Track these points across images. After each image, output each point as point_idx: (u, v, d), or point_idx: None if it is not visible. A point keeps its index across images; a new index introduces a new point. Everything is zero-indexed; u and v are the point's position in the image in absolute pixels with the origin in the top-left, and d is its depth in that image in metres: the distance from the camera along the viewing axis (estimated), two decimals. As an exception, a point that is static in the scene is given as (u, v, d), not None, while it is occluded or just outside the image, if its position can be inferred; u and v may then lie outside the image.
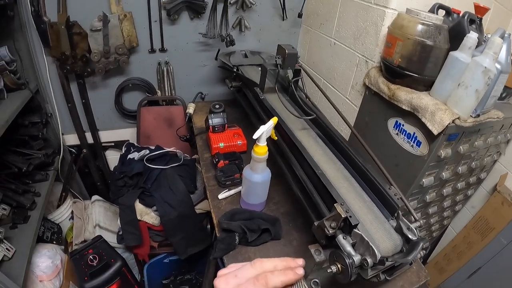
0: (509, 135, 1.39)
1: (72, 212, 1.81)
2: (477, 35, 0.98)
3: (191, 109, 1.67)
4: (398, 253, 0.85)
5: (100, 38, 1.49)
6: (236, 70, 1.48)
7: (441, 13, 1.13)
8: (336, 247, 0.82)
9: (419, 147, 1.10)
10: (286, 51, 1.20)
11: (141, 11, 1.53)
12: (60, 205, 1.78)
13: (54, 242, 1.59)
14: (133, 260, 1.78)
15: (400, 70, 1.11)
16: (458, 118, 1.00)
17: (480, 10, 1.09)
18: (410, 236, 0.83)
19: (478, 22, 1.08)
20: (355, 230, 0.81)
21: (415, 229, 0.83)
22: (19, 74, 1.43)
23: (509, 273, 1.57)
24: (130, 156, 1.65)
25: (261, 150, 0.96)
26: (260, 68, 1.31)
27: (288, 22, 1.82)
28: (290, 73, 1.34)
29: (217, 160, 1.29)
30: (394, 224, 0.90)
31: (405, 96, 1.09)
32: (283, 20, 1.80)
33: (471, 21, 1.06)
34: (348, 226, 0.82)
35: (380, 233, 0.85)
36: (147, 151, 1.65)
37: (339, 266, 0.81)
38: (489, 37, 0.97)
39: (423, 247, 0.82)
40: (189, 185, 1.56)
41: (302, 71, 1.31)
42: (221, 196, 1.21)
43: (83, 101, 1.72)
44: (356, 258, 0.78)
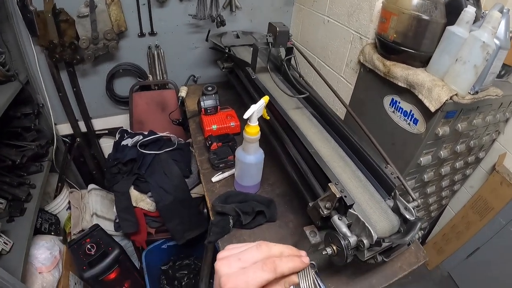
0: (508, 114, 1.34)
1: (69, 202, 1.78)
2: (475, 10, 0.93)
3: (184, 93, 1.63)
4: (396, 234, 0.82)
5: (88, 24, 1.43)
6: (228, 51, 1.43)
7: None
8: (332, 228, 0.79)
9: (416, 125, 1.05)
10: (277, 29, 1.15)
11: (129, -5, 1.47)
12: (57, 196, 1.74)
13: (53, 233, 1.57)
14: (132, 248, 1.77)
15: (396, 46, 1.06)
16: (456, 95, 0.96)
17: (478, -16, 1.03)
18: (408, 216, 0.80)
19: (476, -3, 1.03)
20: (351, 211, 0.78)
21: (413, 209, 0.80)
22: (8, 66, 1.38)
23: (508, 253, 1.56)
24: (124, 143, 1.61)
25: (253, 130, 0.93)
26: (252, 48, 1.25)
27: (281, 1, 1.76)
28: (283, 52, 1.28)
29: (210, 143, 1.25)
30: (391, 204, 0.87)
31: (401, 73, 1.05)
32: (275, -1, 1.73)
33: (468, -5, 1.01)
34: (344, 207, 0.79)
35: (377, 213, 0.82)
36: (141, 137, 1.61)
37: (335, 248, 0.78)
38: (487, 12, 0.93)
39: (421, 227, 0.79)
40: (184, 170, 1.53)
41: (295, 49, 1.25)
42: (215, 179, 1.18)
43: (74, 90, 1.67)
44: (352, 239, 0.75)
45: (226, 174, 1.20)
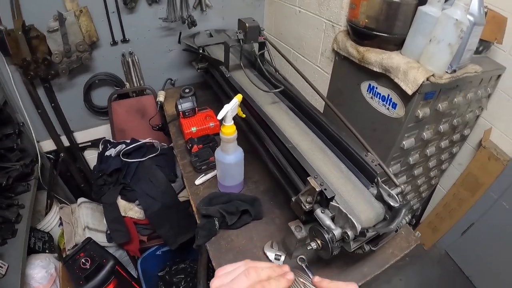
0: (490, 89, 1.32)
1: (61, 218, 1.74)
2: (446, -13, 0.91)
3: (162, 97, 1.59)
4: (382, 222, 0.80)
5: (59, 38, 1.40)
6: (202, 51, 1.39)
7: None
8: (316, 222, 0.76)
9: (395, 109, 1.03)
10: (247, 25, 1.12)
11: (97, 4, 1.43)
12: (47, 213, 1.71)
13: (47, 251, 1.54)
14: (127, 257, 1.73)
15: (368, 31, 1.04)
16: (433, 75, 0.94)
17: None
18: (392, 203, 0.78)
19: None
20: (332, 203, 0.75)
21: (397, 196, 0.78)
22: (-16, 89, 1.34)
23: (502, 227, 1.55)
24: (107, 153, 1.57)
25: (228, 130, 0.90)
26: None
27: (251, -5, 1.72)
28: (257, 47, 1.25)
29: (191, 146, 1.22)
30: (375, 192, 0.85)
31: (375, 58, 1.02)
32: (246, -6, 1.69)
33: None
34: (325, 200, 0.76)
35: (360, 203, 0.80)
36: (124, 146, 1.57)
37: (319, 242, 0.75)
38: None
39: (408, 213, 0.77)
40: (169, 174, 1.50)
41: (268, 44, 1.22)
42: (198, 182, 1.15)
43: (53, 105, 1.63)
44: (337, 232, 0.73)
45: (209, 176, 1.17)
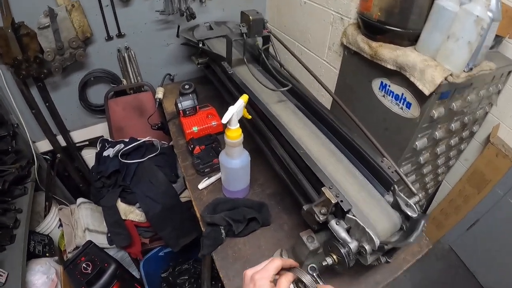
0: (500, 86, 1.26)
1: (60, 220, 1.68)
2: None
3: (160, 94, 1.50)
4: (398, 232, 0.74)
5: (51, 35, 1.31)
6: (202, 45, 1.30)
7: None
8: (330, 231, 0.70)
9: (410, 109, 0.96)
10: (251, 18, 1.03)
11: (90, -3, 1.34)
12: (46, 215, 1.64)
13: (47, 255, 1.49)
14: (129, 258, 1.68)
15: (381, 25, 0.96)
16: (451, 75, 0.87)
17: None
18: (410, 213, 0.71)
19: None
20: (349, 215, 0.69)
21: (415, 205, 0.71)
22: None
23: (508, 224, 1.51)
24: (105, 154, 1.49)
25: (234, 134, 0.83)
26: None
27: (253, -15, 1.62)
28: (260, 41, 1.16)
29: (193, 147, 1.15)
30: (391, 199, 0.78)
31: (389, 54, 0.94)
32: (247, -17, 1.59)
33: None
34: (341, 211, 0.69)
35: (377, 213, 0.74)
36: (122, 145, 1.49)
37: (335, 257, 0.69)
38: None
39: (425, 225, 0.71)
40: (170, 175, 1.43)
41: (272, 37, 1.13)
42: (201, 186, 1.09)
43: (47, 104, 1.55)
44: (353, 245, 0.68)
45: (213, 179, 1.10)
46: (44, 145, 1.68)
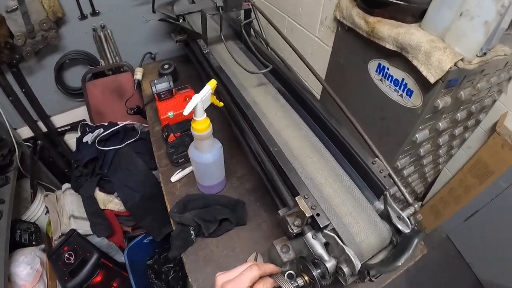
0: (511, 72, 1.06)
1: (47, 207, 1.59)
2: None
3: (139, 75, 1.34)
4: (387, 247, 0.60)
5: (20, 18, 1.18)
6: (183, 20, 1.12)
7: None
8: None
9: (411, 98, 0.79)
10: (226, -12, 0.84)
11: (59, -26, 1.17)
12: (32, 202, 1.56)
13: (34, 243, 1.42)
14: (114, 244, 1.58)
15: (380, -3, 0.76)
16: (462, 60, 0.69)
17: None
18: (401, 228, 0.57)
19: None
20: (326, 231, 0.54)
21: (408, 218, 0.56)
22: None
23: (508, 216, 1.39)
24: (85, 139, 1.36)
25: (201, 126, 0.69)
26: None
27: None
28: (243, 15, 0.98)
29: (167, 134, 1.01)
30: (381, 207, 0.64)
31: (389, 32, 0.76)
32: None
33: None
34: (318, 225, 0.55)
35: (362, 226, 0.59)
36: (102, 130, 1.35)
37: (307, 279, 0.55)
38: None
39: (420, 242, 0.57)
40: (149, 162, 1.29)
41: (255, 11, 0.95)
42: (174, 179, 0.96)
43: (24, 90, 1.42)
44: (330, 265, 0.54)
45: (187, 171, 0.97)
46: (26, 132, 1.57)
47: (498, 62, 0.84)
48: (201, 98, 0.65)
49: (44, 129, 1.59)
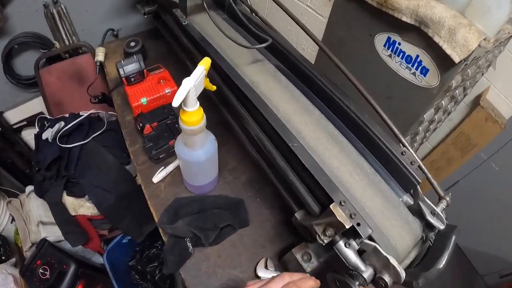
0: (502, 48, 1.02)
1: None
2: None
3: (101, 56, 1.13)
4: (418, 243, 0.52)
5: None
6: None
7: None
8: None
9: (425, 76, 0.70)
10: None
11: None
12: (-4, 211, 1.35)
13: (4, 258, 1.28)
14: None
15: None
16: (484, 39, 0.62)
17: None
18: (437, 225, 0.49)
19: None
20: (366, 241, 0.44)
21: (442, 213, 0.51)
22: None
23: (487, 187, 1.45)
24: (44, 136, 1.13)
25: (193, 118, 0.54)
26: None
27: None
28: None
29: (142, 125, 0.85)
30: (408, 201, 0.56)
31: (407, 3, 0.64)
32: None
33: None
34: (353, 232, 0.45)
35: (396, 226, 0.52)
36: (62, 123, 1.13)
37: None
38: None
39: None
40: (120, 156, 1.11)
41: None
42: (157, 179, 0.81)
43: None
44: (367, 275, 0.45)
45: (170, 168, 0.82)
46: (-23, 132, 1.30)
47: (502, 40, 0.78)
48: (194, 83, 0.49)
49: (-2, 127, 1.33)
